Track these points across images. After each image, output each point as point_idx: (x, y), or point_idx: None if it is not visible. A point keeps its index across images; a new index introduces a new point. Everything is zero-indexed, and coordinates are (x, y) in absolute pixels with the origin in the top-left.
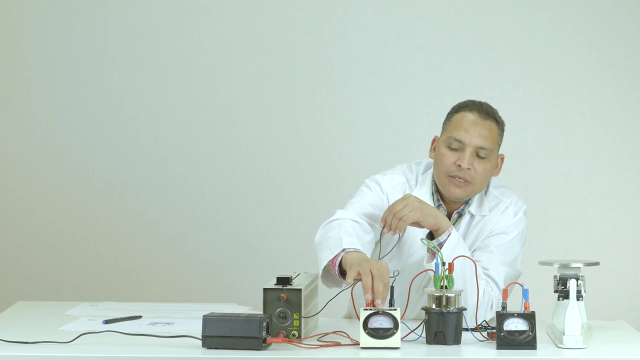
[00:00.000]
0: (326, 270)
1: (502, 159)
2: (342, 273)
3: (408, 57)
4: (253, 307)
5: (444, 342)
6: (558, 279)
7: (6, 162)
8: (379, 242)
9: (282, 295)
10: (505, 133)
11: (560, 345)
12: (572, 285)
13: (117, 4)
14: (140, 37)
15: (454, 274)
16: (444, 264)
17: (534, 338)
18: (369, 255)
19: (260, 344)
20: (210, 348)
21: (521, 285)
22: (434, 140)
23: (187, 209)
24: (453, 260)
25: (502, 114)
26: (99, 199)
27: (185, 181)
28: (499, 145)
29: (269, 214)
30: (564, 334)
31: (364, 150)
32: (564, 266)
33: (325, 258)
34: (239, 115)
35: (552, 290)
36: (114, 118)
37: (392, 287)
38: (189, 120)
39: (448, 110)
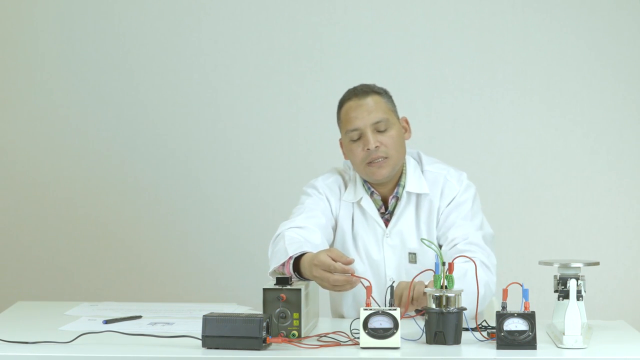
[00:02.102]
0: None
1: (407, 121)
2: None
3: (408, 57)
4: (253, 307)
5: (444, 342)
6: (558, 279)
7: (6, 162)
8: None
9: (282, 295)
10: (505, 133)
11: (560, 345)
12: (572, 285)
13: (118, 4)
14: (140, 37)
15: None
16: (444, 264)
17: (534, 338)
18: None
19: (260, 344)
20: (210, 348)
21: (521, 285)
22: (341, 145)
23: (187, 209)
24: (453, 260)
25: (502, 113)
26: (99, 198)
27: (185, 181)
28: (393, 112)
29: (269, 214)
30: (564, 334)
31: None
32: (564, 266)
33: (272, 266)
34: (239, 116)
35: (552, 290)
36: (113, 118)
37: (392, 288)
38: (188, 120)
39: (448, 110)
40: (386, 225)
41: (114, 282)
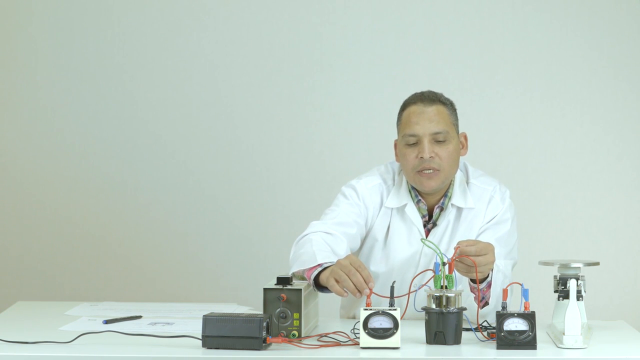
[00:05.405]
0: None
1: (466, 137)
2: (317, 285)
3: (408, 57)
4: (253, 307)
5: (444, 342)
6: (558, 279)
7: (6, 162)
8: (363, 242)
9: (282, 295)
10: (505, 133)
11: (560, 345)
12: (572, 285)
13: (118, 4)
14: (141, 37)
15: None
16: (444, 264)
17: (534, 338)
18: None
19: (260, 344)
20: (210, 348)
21: (521, 285)
22: (395, 146)
23: (187, 209)
24: (453, 261)
25: (502, 114)
26: (99, 198)
27: (185, 181)
28: (455, 125)
29: (269, 214)
30: (564, 334)
31: (364, 150)
32: (564, 266)
33: (297, 268)
34: (239, 116)
35: (552, 290)
36: (114, 118)
37: (392, 288)
38: (189, 120)
39: None
40: (426, 235)
41: (114, 282)
